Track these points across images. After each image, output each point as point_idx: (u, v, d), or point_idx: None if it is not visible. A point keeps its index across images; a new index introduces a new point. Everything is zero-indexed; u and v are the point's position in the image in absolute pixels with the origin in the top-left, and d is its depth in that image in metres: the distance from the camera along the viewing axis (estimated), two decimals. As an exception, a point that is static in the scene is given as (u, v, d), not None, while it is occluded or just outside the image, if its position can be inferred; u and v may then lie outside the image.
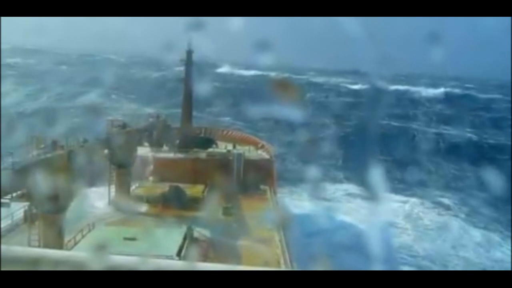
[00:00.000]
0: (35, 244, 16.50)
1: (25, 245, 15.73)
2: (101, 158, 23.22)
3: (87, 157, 18.02)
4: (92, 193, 25.16)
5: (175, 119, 36.38)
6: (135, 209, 23.84)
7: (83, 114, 47.82)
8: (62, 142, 17.93)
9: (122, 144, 23.91)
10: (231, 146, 34.59)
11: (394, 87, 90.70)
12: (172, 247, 17.60)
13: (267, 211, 25.75)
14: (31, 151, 16.52)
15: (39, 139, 17.29)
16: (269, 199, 28.40)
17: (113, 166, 25.63)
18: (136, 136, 27.52)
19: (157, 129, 31.26)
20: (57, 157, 16.84)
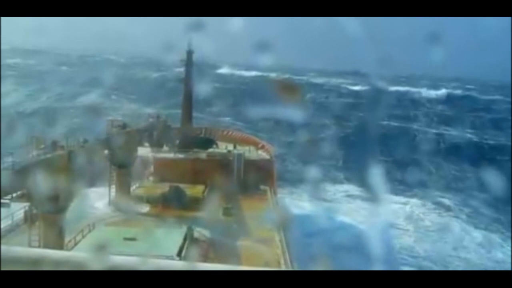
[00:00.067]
0: (35, 244, 16.48)
1: (26, 245, 15.70)
2: (101, 158, 23.21)
3: (87, 158, 18.01)
4: (92, 194, 25.15)
5: (175, 120, 36.37)
6: (135, 209, 23.86)
7: (83, 114, 47.88)
8: (62, 142, 17.93)
9: (122, 144, 23.91)
10: (231, 146, 34.57)
11: (394, 88, 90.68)
12: (172, 248, 17.58)
13: (267, 212, 25.73)
14: (31, 152, 16.51)
15: (39, 139, 17.29)
16: (269, 199, 28.38)
17: (113, 166, 25.63)
18: (136, 136, 27.52)
19: (157, 130, 31.25)
20: (57, 158, 16.83)
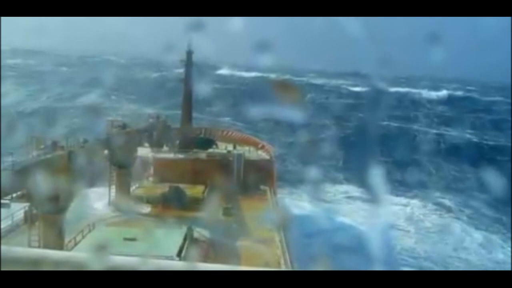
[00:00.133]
0: (35, 244, 16.47)
1: (26, 245, 15.69)
2: (101, 158, 23.20)
3: (87, 158, 18.00)
4: (92, 194, 25.15)
5: (175, 120, 36.36)
6: (135, 209, 23.85)
7: (83, 114, 47.87)
8: (62, 142, 17.92)
9: (122, 144, 23.90)
10: (231, 146, 34.58)
11: (394, 89, 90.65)
12: (172, 248, 17.56)
13: (267, 212, 25.72)
14: (31, 152, 16.50)
15: (39, 139, 17.28)
16: (269, 199, 28.36)
17: (113, 166, 25.62)
18: (136, 136, 27.51)
19: (157, 130, 31.24)
20: (57, 158, 16.82)
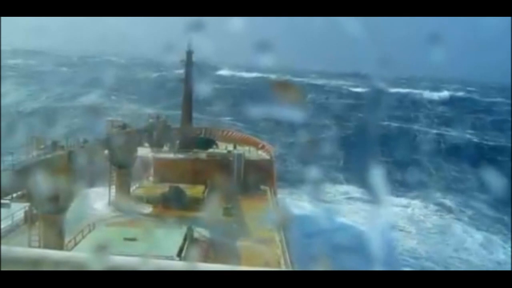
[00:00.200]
0: (35, 244, 16.47)
1: (26, 245, 15.70)
2: (101, 158, 23.20)
3: (87, 158, 18.00)
4: (92, 194, 25.15)
5: (175, 120, 36.35)
6: (135, 209, 23.85)
7: (83, 114, 47.89)
8: (62, 142, 17.93)
9: (122, 144, 23.91)
10: (231, 146, 34.57)
11: (395, 90, 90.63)
12: (172, 248, 17.56)
13: (267, 212, 25.72)
14: (31, 152, 16.51)
15: (39, 139, 17.28)
16: (269, 199, 28.34)
17: (113, 166, 25.62)
18: (136, 136, 27.50)
19: (157, 130, 31.24)
20: (57, 158, 16.82)
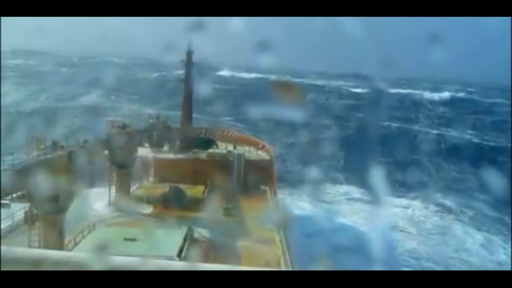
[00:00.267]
0: (35, 245, 16.46)
1: (26, 246, 15.70)
2: (101, 158, 23.20)
3: (87, 158, 18.00)
4: (92, 194, 25.14)
5: (175, 121, 36.35)
6: (135, 210, 23.85)
7: (83, 115, 47.90)
8: (62, 142, 17.93)
9: (122, 144, 23.90)
10: (231, 146, 34.58)
11: (395, 91, 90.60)
12: (172, 248, 17.55)
13: (268, 212, 25.72)
14: (31, 152, 16.51)
15: (39, 139, 17.28)
16: (270, 199, 28.34)
17: (113, 166, 25.61)
18: (136, 136, 27.49)
19: (157, 130, 31.25)
20: (58, 158, 16.82)
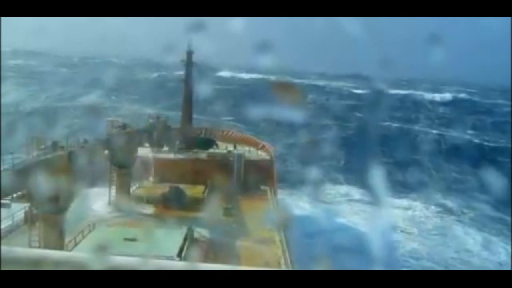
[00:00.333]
0: (35, 245, 16.48)
1: (26, 246, 15.71)
2: (102, 159, 23.20)
3: (87, 158, 18.00)
4: (92, 194, 25.13)
5: (175, 121, 36.33)
6: (135, 210, 23.85)
7: (83, 115, 47.90)
8: (62, 142, 17.93)
9: (122, 144, 23.90)
10: (232, 146, 34.57)
11: (396, 91, 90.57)
12: (172, 248, 17.57)
13: (268, 212, 25.71)
14: (32, 152, 16.51)
15: (39, 139, 17.28)
16: (270, 199, 28.33)
17: (113, 166, 25.62)
18: (136, 136, 27.50)
19: (157, 130, 31.24)
20: (58, 158, 16.82)
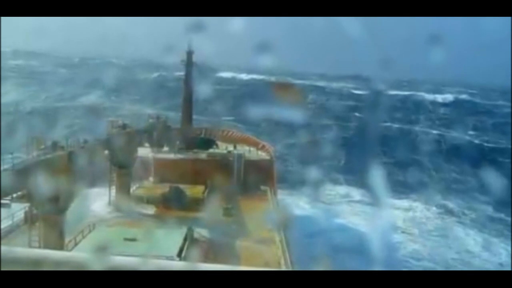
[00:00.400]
0: (35, 245, 16.47)
1: (26, 246, 15.71)
2: (102, 159, 23.19)
3: (87, 158, 18.00)
4: (92, 194, 25.13)
5: (175, 121, 36.33)
6: (135, 210, 23.85)
7: (83, 115, 47.91)
8: (62, 142, 17.93)
9: (122, 145, 23.90)
10: (232, 146, 34.57)
11: (396, 92, 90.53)
12: (172, 248, 17.57)
13: (268, 212, 25.72)
14: (32, 152, 16.51)
15: (39, 139, 17.28)
16: (270, 199, 28.33)
17: (113, 167, 25.62)
18: (136, 137, 27.50)
19: (157, 130, 31.24)
20: (58, 158, 16.82)
